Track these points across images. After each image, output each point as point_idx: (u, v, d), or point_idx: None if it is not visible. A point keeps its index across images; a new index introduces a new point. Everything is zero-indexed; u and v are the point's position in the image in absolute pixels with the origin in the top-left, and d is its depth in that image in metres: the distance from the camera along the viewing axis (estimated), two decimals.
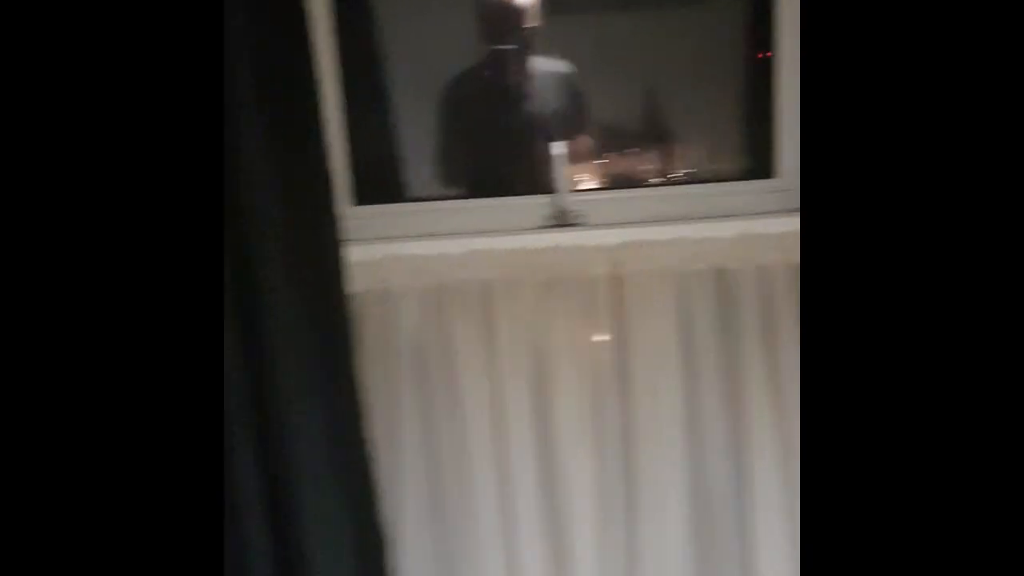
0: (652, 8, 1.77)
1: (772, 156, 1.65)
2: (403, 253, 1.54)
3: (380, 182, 1.69)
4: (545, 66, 1.72)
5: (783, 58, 1.60)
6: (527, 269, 1.53)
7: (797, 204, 1.60)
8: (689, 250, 1.52)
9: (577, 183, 1.71)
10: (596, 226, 1.60)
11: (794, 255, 1.49)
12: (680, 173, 1.74)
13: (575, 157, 1.69)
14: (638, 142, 1.76)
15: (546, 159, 1.66)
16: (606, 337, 1.57)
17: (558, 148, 1.63)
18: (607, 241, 1.54)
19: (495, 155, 1.76)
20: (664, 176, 1.74)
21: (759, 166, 1.67)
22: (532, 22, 1.68)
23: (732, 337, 1.55)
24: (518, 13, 1.68)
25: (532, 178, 1.70)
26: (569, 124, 1.73)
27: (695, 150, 1.78)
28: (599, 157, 1.74)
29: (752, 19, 1.68)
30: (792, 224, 1.51)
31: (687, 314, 1.55)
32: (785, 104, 1.61)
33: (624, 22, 1.72)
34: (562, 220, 1.61)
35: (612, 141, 1.75)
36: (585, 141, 1.73)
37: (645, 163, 1.75)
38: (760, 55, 1.68)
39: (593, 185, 1.73)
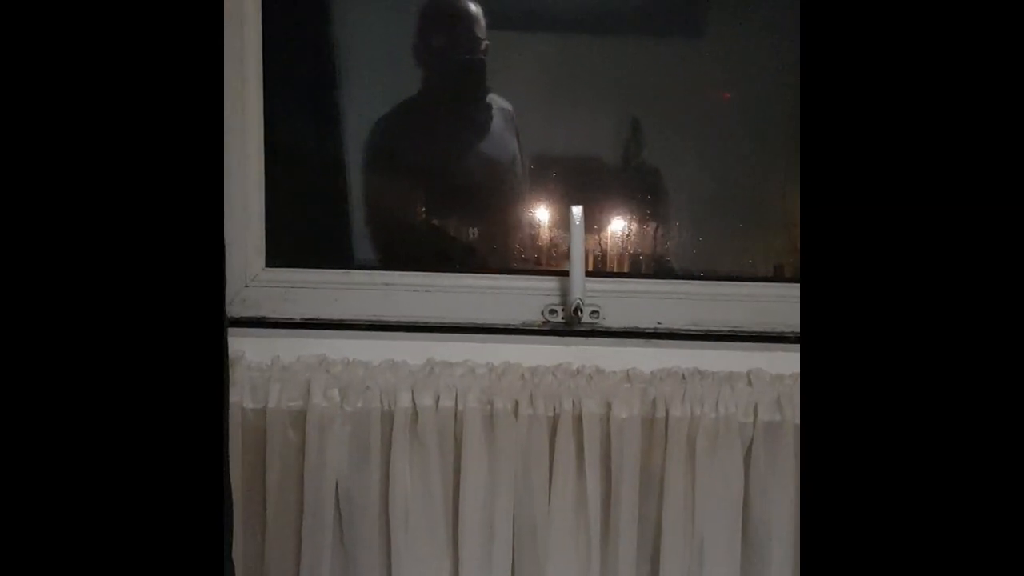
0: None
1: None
2: (333, 357, 1.01)
3: (306, 237, 1.16)
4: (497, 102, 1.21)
5: None
6: (518, 394, 1.01)
7: None
8: (768, 391, 1.01)
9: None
10: (625, 335, 1.09)
11: None
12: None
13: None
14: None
15: (544, 227, 1.16)
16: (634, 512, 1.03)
17: (578, 213, 1.12)
18: (641, 364, 1.02)
19: (468, 210, 1.22)
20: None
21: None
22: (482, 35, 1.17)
23: None
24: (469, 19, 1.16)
25: (525, 253, 1.18)
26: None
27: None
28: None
29: None
30: None
31: (755, 486, 1.03)
32: None
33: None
34: (573, 323, 1.10)
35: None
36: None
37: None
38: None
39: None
